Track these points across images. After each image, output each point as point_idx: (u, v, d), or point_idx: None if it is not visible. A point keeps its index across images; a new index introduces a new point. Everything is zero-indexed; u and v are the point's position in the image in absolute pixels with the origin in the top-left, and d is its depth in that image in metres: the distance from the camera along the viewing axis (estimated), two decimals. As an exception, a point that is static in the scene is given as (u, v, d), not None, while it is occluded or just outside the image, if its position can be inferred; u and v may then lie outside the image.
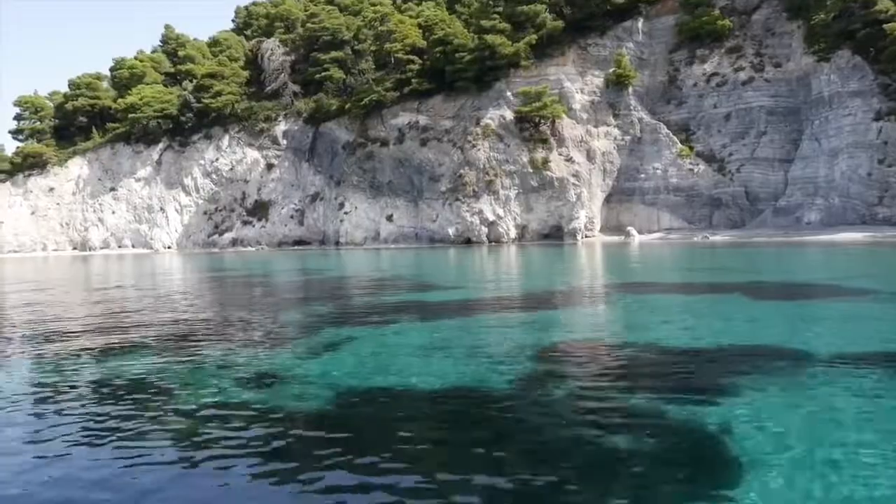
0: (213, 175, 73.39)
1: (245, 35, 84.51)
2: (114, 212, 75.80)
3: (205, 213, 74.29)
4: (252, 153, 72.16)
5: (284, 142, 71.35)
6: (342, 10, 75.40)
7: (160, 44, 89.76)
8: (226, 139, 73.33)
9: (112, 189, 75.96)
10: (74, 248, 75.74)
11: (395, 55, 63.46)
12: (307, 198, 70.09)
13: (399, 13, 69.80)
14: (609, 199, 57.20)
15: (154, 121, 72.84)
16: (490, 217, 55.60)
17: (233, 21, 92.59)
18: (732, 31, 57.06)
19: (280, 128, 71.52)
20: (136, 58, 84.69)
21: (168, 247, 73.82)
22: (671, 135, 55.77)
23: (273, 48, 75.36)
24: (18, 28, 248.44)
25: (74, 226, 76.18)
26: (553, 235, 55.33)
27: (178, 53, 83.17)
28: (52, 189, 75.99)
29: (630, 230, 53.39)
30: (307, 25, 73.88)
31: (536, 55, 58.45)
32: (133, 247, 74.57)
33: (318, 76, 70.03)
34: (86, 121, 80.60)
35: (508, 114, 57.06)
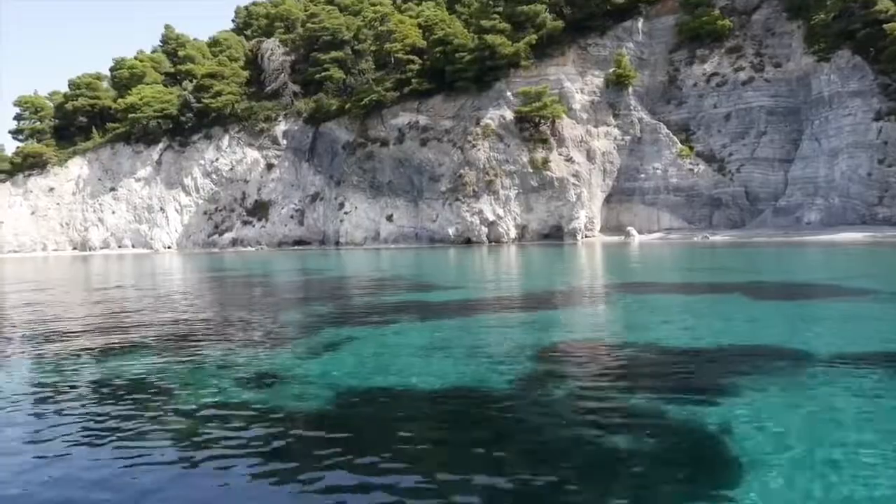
0: (213, 175, 73.42)
1: (245, 35, 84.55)
2: (114, 212, 75.82)
3: (205, 213, 74.32)
4: (252, 153, 72.19)
5: (284, 142, 71.39)
6: (342, 10, 75.44)
7: (160, 44, 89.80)
8: (226, 139, 73.36)
9: (112, 189, 75.99)
10: (74, 248, 75.77)
11: (395, 55, 63.49)
12: (307, 198, 70.12)
13: (399, 13, 69.83)
14: (609, 200, 57.22)
15: (154, 121, 72.87)
16: (490, 217, 55.61)
17: (233, 21, 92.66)
18: (732, 31, 57.07)
19: (280, 128, 71.55)
20: (136, 58, 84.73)
21: (168, 247, 73.85)
22: (671, 135, 55.78)
23: (273, 48, 75.39)
24: (18, 28, 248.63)
25: (74, 226, 76.22)
26: (553, 235, 55.35)
27: (178, 53, 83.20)
28: (52, 189, 76.02)
29: (630, 230, 53.40)
30: (307, 25, 73.91)
31: (536, 55, 58.47)
32: (133, 247, 74.59)
33: (318, 76, 70.06)
34: (86, 121, 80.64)
35: (508, 114, 57.08)
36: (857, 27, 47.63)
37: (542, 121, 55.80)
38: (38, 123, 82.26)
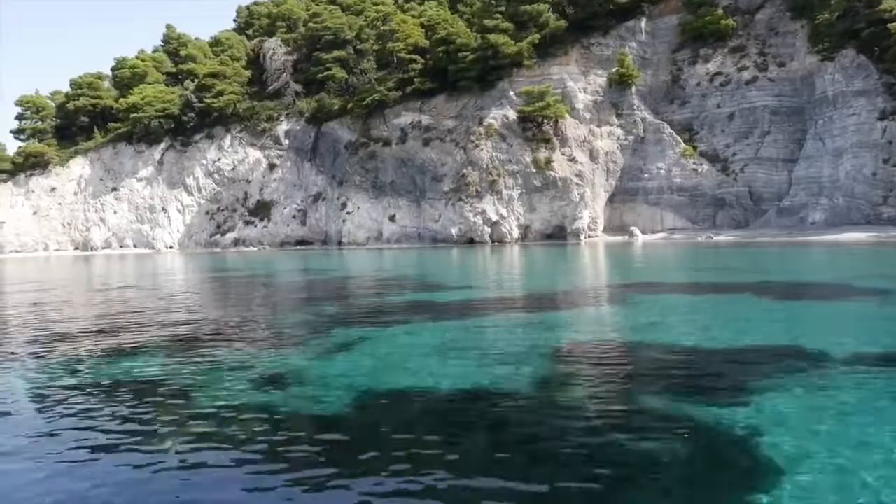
0: (215, 175, 73.35)
1: (247, 35, 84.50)
2: (115, 212, 75.76)
3: (207, 213, 74.26)
4: (254, 153, 72.12)
5: (286, 141, 71.31)
6: (344, 10, 75.38)
7: (161, 43, 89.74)
8: (228, 139, 73.29)
9: (114, 189, 75.92)
10: (76, 248, 75.70)
11: (398, 55, 63.40)
12: (309, 198, 70.04)
13: (401, 13, 69.74)
14: (612, 199, 57.10)
15: (156, 120, 72.80)
16: (493, 217, 55.51)
17: (234, 21, 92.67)
18: (736, 31, 56.92)
19: (282, 127, 71.48)
20: (138, 57, 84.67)
21: (170, 247, 73.78)
22: (674, 134, 55.65)
23: (275, 48, 75.34)
24: (19, 28, 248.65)
25: (76, 226, 76.16)
26: (556, 235, 55.24)
27: (180, 53, 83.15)
28: (54, 189, 75.94)
29: (633, 230, 53.28)
30: (309, 25, 73.84)
31: (539, 55, 58.37)
32: (135, 247, 74.52)
33: (321, 76, 69.99)
34: (87, 120, 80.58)
35: (511, 113, 56.97)
36: (862, 26, 47.50)
37: (546, 120, 55.71)
38: (40, 123, 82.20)
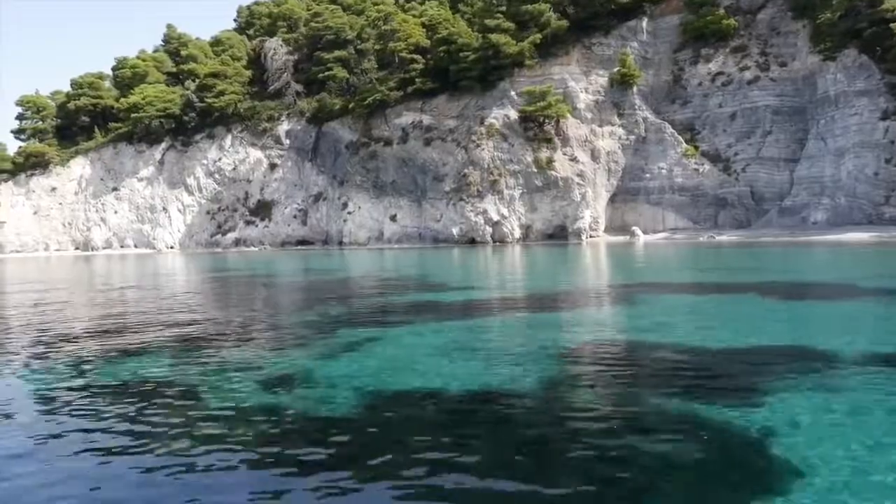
0: (216, 175, 73.29)
1: (247, 35, 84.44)
2: (116, 212, 75.69)
3: (207, 213, 74.20)
4: (255, 153, 72.07)
5: (287, 141, 71.25)
6: (345, 10, 75.33)
7: (162, 43, 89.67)
8: (228, 139, 73.24)
9: (114, 189, 75.85)
10: (77, 248, 75.64)
11: (399, 54, 63.33)
12: (310, 198, 69.98)
13: (402, 12, 69.67)
14: (614, 199, 57.04)
15: (156, 120, 72.73)
16: (494, 217, 55.44)
17: (235, 21, 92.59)
18: (737, 31, 56.86)
19: (283, 127, 71.43)
20: (139, 57, 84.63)
21: (171, 247, 73.72)
22: (676, 134, 55.59)
23: (276, 47, 75.29)
24: (20, 28, 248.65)
25: (77, 226, 76.10)
26: (557, 235, 55.18)
27: (181, 53, 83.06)
28: (55, 189, 75.87)
29: (635, 230, 53.22)
30: (310, 25, 73.78)
31: (541, 54, 58.32)
32: (135, 247, 74.46)
33: (322, 76, 69.94)
34: (88, 120, 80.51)
35: (513, 113, 56.91)
36: (864, 26, 47.42)
37: (547, 120, 55.65)
38: (41, 123, 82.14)
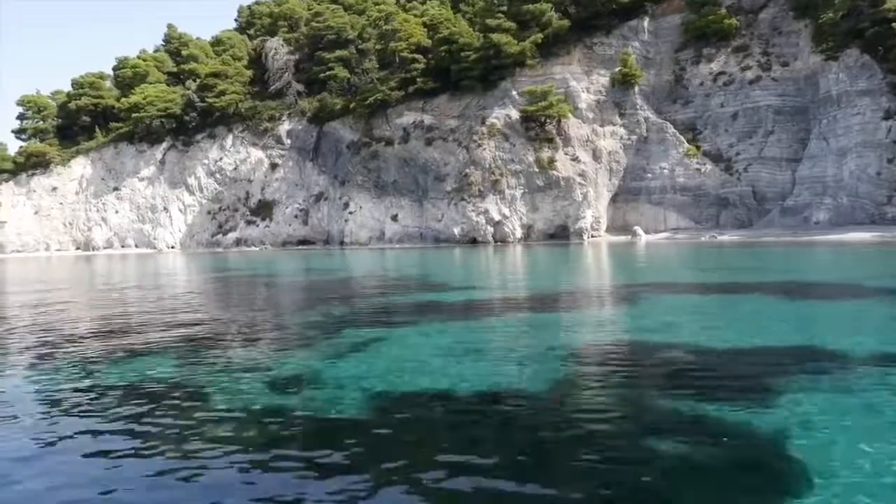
0: (217, 175, 73.25)
1: (248, 34, 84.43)
2: (117, 211, 75.66)
3: (208, 213, 74.17)
4: (256, 153, 72.02)
5: (288, 141, 71.20)
6: (346, 9, 75.30)
7: (163, 43, 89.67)
8: (229, 139, 73.20)
9: (115, 189, 75.83)
10: (77, 248, 75.60)
11: (400, 54, 63.28)
12: (311, 197, 69.93)
13: (403, 12, 69.63)
14: (615, 199, 56.99)
15: (157, 120, 72.72)
16: (496, 217, 55.38)
17: (235, 20, 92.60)
18: (739, 30, 56.81)
19: (284, 127, 71.38)
20: (139, 57, 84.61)
21: (171, 247, 73.68)
22: (678, 134, 55.52)
23: (277, 47, 75.25)
24: (20, 28, 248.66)
25: (78, 225, 76.05)
26: (559, 235, 55.11)
27: (182, 53, 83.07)
28: (56, 189, 75.84)
29: (637, 230, 53.16)
30: (311, 24, 73.74)
31: (542, 54, 58.27)
32: (136, 247, 74.42)
33: (323, 75, 69.90)
34: (89, 120, 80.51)
35: (514, 113, 56.85)
36: (866, 26, 47.35)
37: (548, 120, 55.59)
38: (41, 123, 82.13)
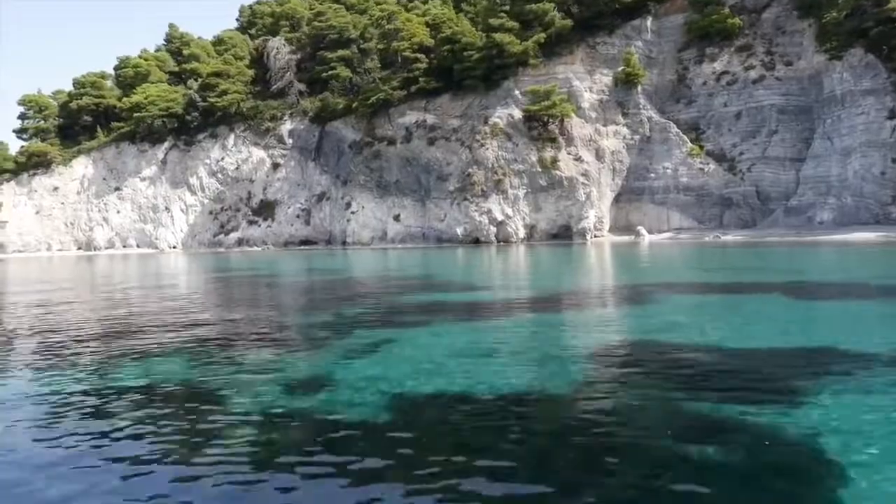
0: (219, 174, 73.14)
1: (250, 34, 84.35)
2: (118, 211, 75.55)
3: (210, 213, 74.06)
4: (258, 152, 71.91)
5: (290, 141, 71.10)
6: (348, 9, 75.25)
7: (164, 43, 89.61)
8: (231, 138, 73.10)
9: (117, 188, 75.73)
10: (79, 248, 75.50)
11: (402, 54, 63.20)
12: (313, 197, 69.81)
13: (406, 11, 69.52)
14: (618, 199, 56.86)
15: (159, 120, 72.62)
16: (499, 217, 55.26)
17: (237, 20, 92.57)
18: (742, 30, 56.73)
19: (286, 127, 71.28)
20: (141, 57, 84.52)
21: (173, 247, 73.57)
22: (681, 134, 55.40)
23: (279, 47, 75.16)
24: (21, 27, 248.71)
25: (79, 225, 75.94)
26: (562, 235, 54.99)
27: (183, 52, 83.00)
28: (57, 188, 75.73)
29: (640, 230, 53.04)
30: (313, 24, 73.65)
31: (545, 54, 58.20)
32: (138, 246, 74.32)
33: (325, 75, 69.81)
34: (90, 120, 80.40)
35: (517, 113, 56.73)
36: (870, 25, 47.26)
37: (551, 120, 55.48)
38: (43, 122, 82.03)
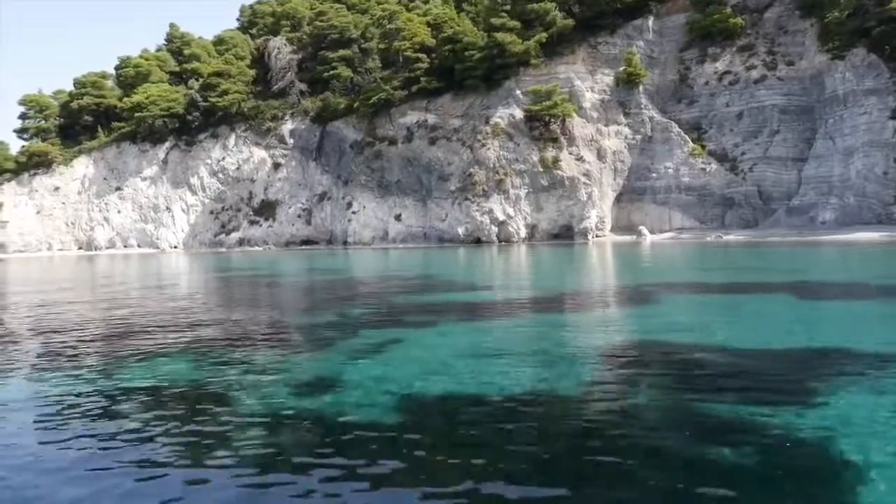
0: (220, 174, 73.10)
1: (250, 34, 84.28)
2: (119, 211, 75.49)
3: (211, 213, 74.01)
4: (259, 152, 71.87)
5: (291, 141, 71.06)
6: (349, 9, 75.22)
7: (165, 43, 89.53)
8: (232, 138, 73.05)
9: (118, 188, 75.66)
10: (80, 248, 75.42)
11: (404, 53, 63.14)
12: (314, 197, 69.77)
13: (407, 11, 69.48)
14: (620, 199, 56.81)
15: (160, 120, 72.54)
16: (500, 216, 55.21)
17: (238, 20, 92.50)
18: (744, 30, 56.68)
19: (287, 127, 71.23)
20: (142, 56, 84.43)
21: (174, 246, 73.52)
22: (682, 134, 55.35)
23: (280, 46, 75.11)
24: (22, 27, 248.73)
25: (80, 225, 75.87)
26: (563, 235, 54.94)
27: (184, 52, 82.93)
28: (58, 188, 75.65)
29: (642, 230, 52.98)
30: (315, 24, 73.64)
31: (546, 53, 58.15)
32: (139, 246, 74.26)
33: (326, 75, 69.78)
34: (91, 120, 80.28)
35: (518, 112, 56.69)
36: (872, 25, 47.22)
37: (553, 119, 55.43)
38: (43, 122, 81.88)
